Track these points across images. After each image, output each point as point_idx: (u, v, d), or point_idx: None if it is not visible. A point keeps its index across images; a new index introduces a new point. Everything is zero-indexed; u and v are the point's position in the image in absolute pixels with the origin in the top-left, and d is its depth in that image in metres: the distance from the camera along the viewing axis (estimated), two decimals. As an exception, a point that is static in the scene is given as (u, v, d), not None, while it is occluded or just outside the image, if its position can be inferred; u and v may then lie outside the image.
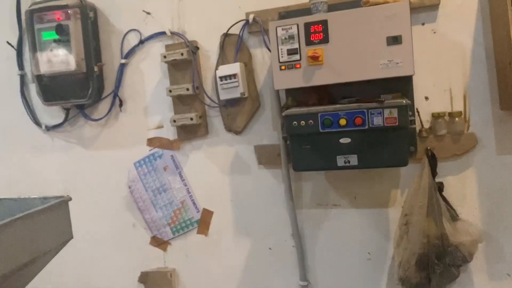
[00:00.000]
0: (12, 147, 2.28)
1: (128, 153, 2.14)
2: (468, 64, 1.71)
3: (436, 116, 1.73)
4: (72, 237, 1.23)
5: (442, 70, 1.74)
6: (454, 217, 1.72)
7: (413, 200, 1.70)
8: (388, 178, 1.83)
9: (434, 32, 1.73)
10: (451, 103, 1.74)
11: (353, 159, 1.63)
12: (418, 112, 1.75)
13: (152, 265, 2.15)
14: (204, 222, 2.08)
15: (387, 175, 1.83)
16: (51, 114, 2.20)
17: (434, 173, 1.73)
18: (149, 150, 2.12)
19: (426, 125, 1.76)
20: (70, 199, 1.21)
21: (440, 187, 1.75)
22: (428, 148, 1.74)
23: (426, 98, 1.76)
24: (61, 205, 1.20)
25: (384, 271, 1.87)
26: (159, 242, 2.14)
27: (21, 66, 2.20)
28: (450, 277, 1.74)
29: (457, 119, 1.71)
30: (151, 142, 2.12)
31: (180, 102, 2.03)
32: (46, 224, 1.16)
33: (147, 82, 2.09)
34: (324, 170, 1.84)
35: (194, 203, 2.09)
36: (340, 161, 1.64)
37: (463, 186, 1.76)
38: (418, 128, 1.76)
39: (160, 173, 2.12)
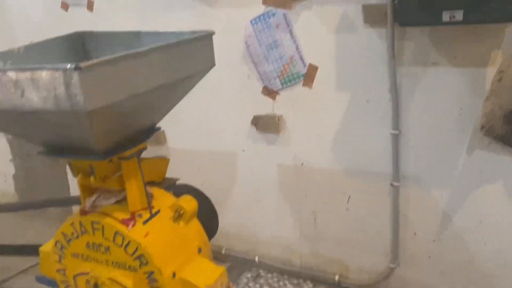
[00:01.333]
0: (149, 6, 2.65)
1: (245, 11, 2.40)
2: None
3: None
4: (214, 65, 1.56)
5: None
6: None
7: (512, 58, 1.78)
8: (492, 38, 1.89)
9: None
10: None
11: (459, 15, 1.72)
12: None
13: (263, 111, 2.53)
14: (309, 76, 2.36)
15: (492, 35, 1.89)
16: (180, -26, 2.49)
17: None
18: (264, 9, 2.36)
19: (544, -17, 1.74)
20: (214, 32, 1.51)
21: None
22: (540, 7, 1.74)
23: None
24: (206, 36, 1.52)
25: (473, 126, 2.03)
26: (269, 92, 2.48)
27: None
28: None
29: None
30: (266, 0, 2.34)
31: (295, -39, 2.18)
32: (195, 50, 1.49)
33: None
34: (428, 26, 1.95)
35: (301, 59, 2.35)
36: (446, 16, 1.74)
37: None
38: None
39: (273, 30, 2.37)
